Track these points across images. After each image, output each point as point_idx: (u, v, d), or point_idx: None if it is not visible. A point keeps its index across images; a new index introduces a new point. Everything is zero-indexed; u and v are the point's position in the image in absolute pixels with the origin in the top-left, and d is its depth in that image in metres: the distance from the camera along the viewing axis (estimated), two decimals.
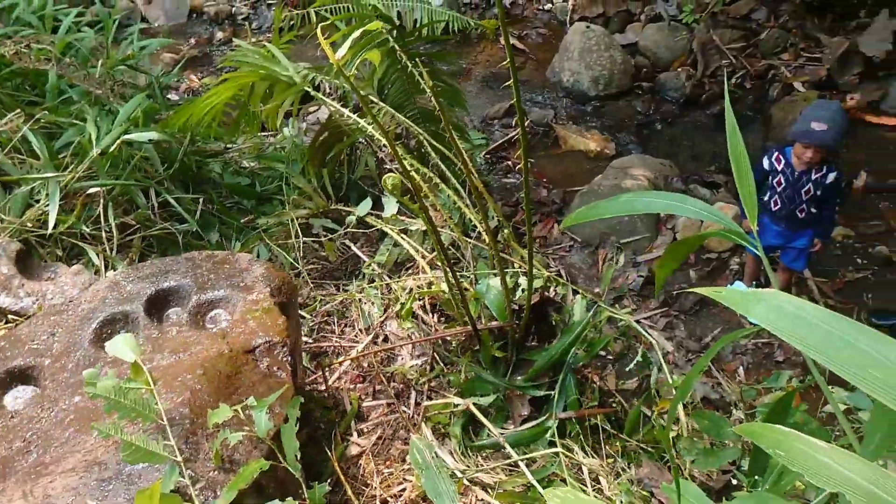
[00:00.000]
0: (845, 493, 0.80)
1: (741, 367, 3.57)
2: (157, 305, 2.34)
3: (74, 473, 1.59)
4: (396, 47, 2.94)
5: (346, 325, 3.18)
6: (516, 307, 2.66)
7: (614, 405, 2.85)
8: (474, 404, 2.56)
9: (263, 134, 4.40)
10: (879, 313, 3.73)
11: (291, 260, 3.46)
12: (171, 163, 3.68)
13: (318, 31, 1.60)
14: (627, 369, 3.20)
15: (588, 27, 5.50)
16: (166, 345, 2.11)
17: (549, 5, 6.55)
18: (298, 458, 1.52)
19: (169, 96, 5.27)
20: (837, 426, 2.33)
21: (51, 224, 3.14)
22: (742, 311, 0.77)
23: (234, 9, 6.58)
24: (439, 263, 2.86)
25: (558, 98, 5.51)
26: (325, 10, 5.97)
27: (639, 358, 2.67)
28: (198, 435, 1.60)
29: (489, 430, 2.47)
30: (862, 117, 5.06)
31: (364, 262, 3.31)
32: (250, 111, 3.45)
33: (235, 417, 1.70)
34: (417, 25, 6.04)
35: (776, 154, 3.13)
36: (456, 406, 2.56)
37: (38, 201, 3.32)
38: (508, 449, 2.34)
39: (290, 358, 2.02)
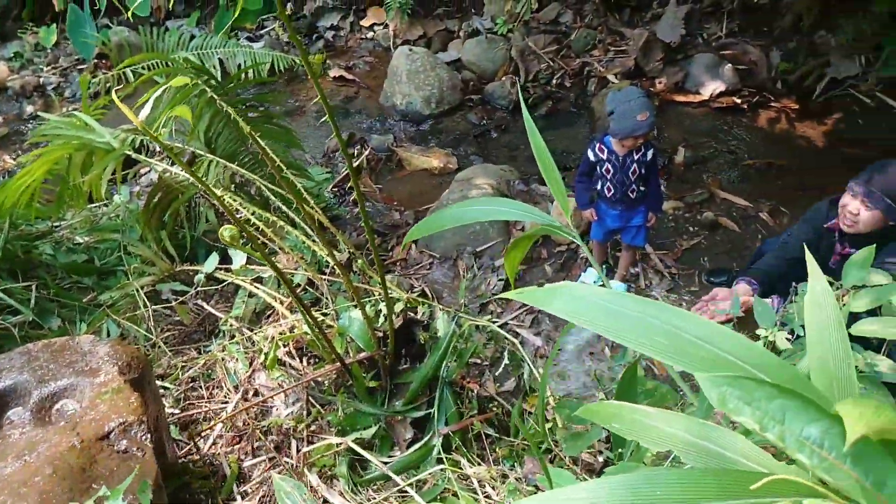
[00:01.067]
0: (673, 450, 0.87)
1: (607, 347, 3.76)
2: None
3: None
4: (215, 97, 2.88)
5: (213, 388, 3.06)
6: (382, 334, 2.67)
7: (494, 409, 2.92)
8: (356, 439, 2.54)
9: (94, 205, 4.16)
10: (714, 272, 4.06)
11: (144, 332, 3.29)
12: None
13: (114, 94, 1.55)
14: (501, 372, 3.30)
15: (411, 50, 5.64)
16: (9, 450, 1.94)
17: (371, 33, 6.66)
18: None
19: None
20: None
21: None
22: (542, 307, 0.83)
23: (42, 79, 6.18)
24: (317, 314, 2.83)
25: (395, 122, 5.60)
26: (142, 68, 5.77)
27: (506, 361, 2.75)
28: None
29: (388, 457, 2.45)
30: (671, 98, 5.52)
31: (221, 319, 3.20)
32: (72, 184, 3.26)
33: None
34: (241, 69, 5.97)
35: (598, 145, 3.33)
36: (338, 445, 2.53)
37: None
38: (395, 476, 2.34)
39: (149, 435, 1.91)
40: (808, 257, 0.98)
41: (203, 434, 2.59)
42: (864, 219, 2.59)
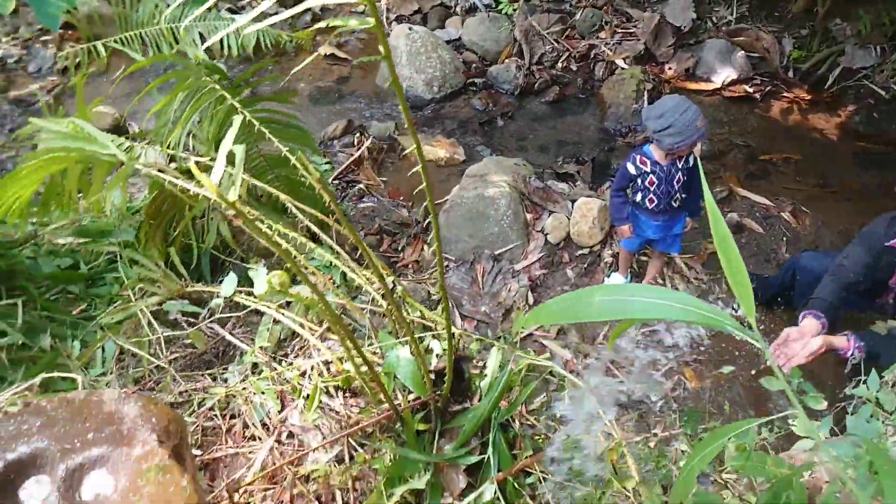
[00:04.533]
0: None
1: (637, 361, 3.60)
2: (12, 485, 1.86)
3: None
4: (237, 105, 2.57)
5: (232, 417, 2.79)
6: (433, 374, 2.44)
7: (542, 437, 2.73)
8: (407, 490, 2.33)
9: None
10: None
11: (148, 355, 2.98)
12: None
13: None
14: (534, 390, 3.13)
15: (411, 29, 5.29)
16: None
17: (362, 7, 6.24)
18: None
19: None
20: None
21: None
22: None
23: (1, 52, 5.64)
24: (339, 341, 2.58)
25: (395, 105, 5.28)
26: (117, 42, 5.31)
27: (566, 399, 2.56)
28: None
29: None
30: (682, 86, 5.31)
31: (240, 348, 2.92)
32: (60, 193, 2.91)
33: None
34: (225, 46, 5.56)
35: (639, 157, 3.11)
36: (389, 496, 2.31)
37: None
38: None
39: None
40: None
41: (241, 489, 2.34)
42: None
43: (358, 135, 4.90)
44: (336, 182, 4.60)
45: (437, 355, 2.48)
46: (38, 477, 1.90)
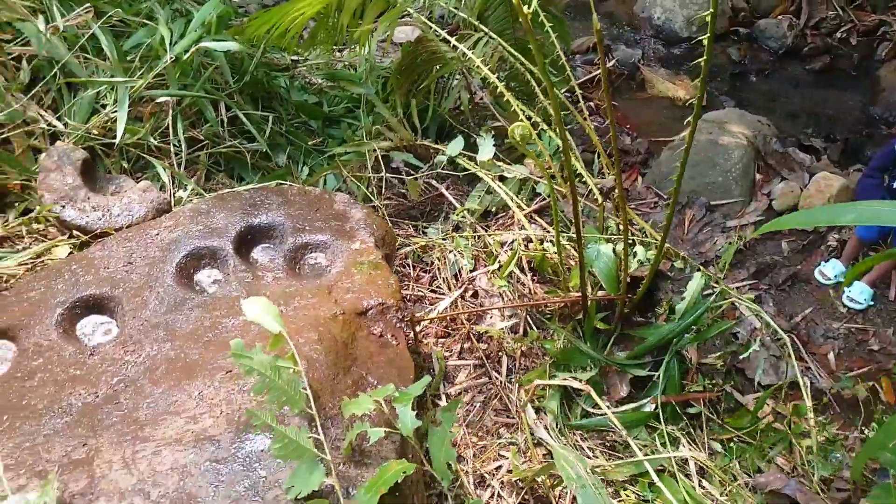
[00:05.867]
0: None
1: (832, 353, 3.34)
2: (247, 244, 2.12)
3: (181, 446, 1.41)
4: None
5: (422, 270, 2.96)
6: (630, 278, 2.42)
7: (713, 386, 2.65)
8: (572, 377, 2.37)
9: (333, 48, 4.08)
10: None
11: (366, 192, 3.21)
12: (241, 75, 3.41)
13: None
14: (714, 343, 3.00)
15: None
16: (263, 293, 1.90)
17: None
18: (453, 468, 1.33)
19: None
20: None
21: (119, 133, 2.89)
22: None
23: None
24: (552, 231, 2.62)
25: (646, 37, 5.10)
26: None
27: (755, 347, 2.45)
28: (322, 417, 1.40)
29: (595, 406, 2.28)
30: None
31: (448, 204, 3.06)
32: (331, 26, 3.14)
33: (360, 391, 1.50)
34: None
35: None
36: (552, 377, 2.37)
37: (104, 107, 3.07)
38: (621, 431, 2.15)
39: (403, 325, 1.81)
40: None
41: (419, 322, 2.50)
42: None
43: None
44: (567, 94, 4.58)
45: (638, 261, 2.46)
46: (269, 244, 2.14)
